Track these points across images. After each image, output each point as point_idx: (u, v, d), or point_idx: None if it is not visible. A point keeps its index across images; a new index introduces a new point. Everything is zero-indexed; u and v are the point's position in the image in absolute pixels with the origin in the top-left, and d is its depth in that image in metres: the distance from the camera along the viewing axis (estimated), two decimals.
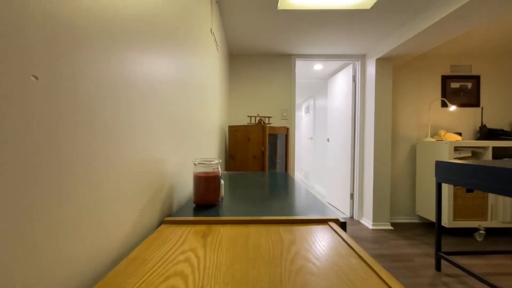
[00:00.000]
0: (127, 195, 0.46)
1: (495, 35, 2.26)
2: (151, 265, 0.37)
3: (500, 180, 1.23)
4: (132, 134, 0.47)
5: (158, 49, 0.61)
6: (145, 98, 0.53)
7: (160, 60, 0.62)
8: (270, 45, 2.42)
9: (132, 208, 0.48)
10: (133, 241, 0.48)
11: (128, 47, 0.46)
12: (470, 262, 1.78)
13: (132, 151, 0.47)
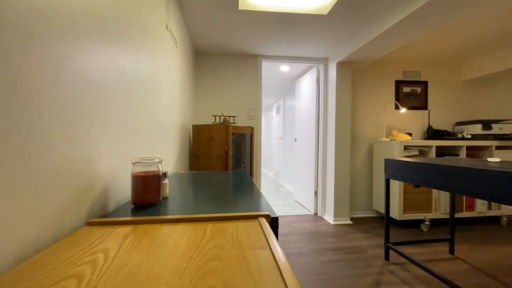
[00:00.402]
0: (41, 195, 0.43)
1: (439, 46, 2.51)
2: (49, 268, 0.36)
3: (437, 176, 1.37)
4: (55, 133, 0.44)
5: (94, 42, 0.58)
6: (77, 94, 0.50)
7: (97, 54, 0.59)
8: (236, 45, 2.42)
9: (47, 209, 0.45)
10: (45, 244, 0.45)
11: (56, 39, 0.43)
12: (414, 251, 1.96)
13: (54, 149, 0.44)
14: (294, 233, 2.34)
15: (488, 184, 1.10)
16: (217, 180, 1.19)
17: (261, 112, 2.72)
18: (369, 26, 2.00)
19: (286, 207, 3.29)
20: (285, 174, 4.67)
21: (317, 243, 2.10)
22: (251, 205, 0.73)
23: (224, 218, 0.58)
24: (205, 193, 0.90)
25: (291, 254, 1.91)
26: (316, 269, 1.68)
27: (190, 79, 2.30)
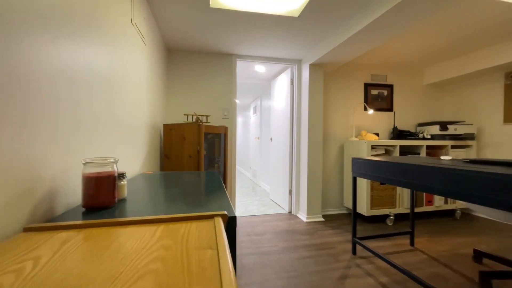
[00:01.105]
0: None
1: (403, 52, 2.68)
2: None
3: (396, 174, 1.46)
4: None
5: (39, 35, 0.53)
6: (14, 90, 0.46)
7: (42, 47, 0.54)
8: (210, 43, 2.39)
9: None
10: None
11: None
12: (380, 244, 2.07)
13: None
14: (268, 232, 2.36)
15: (439, 180, 1.19)
16: (184, 180, 1.17)
17: (235, 111, 2.72)
18: (338, 30, 2.08)
19: (262, 206, 3.31)
20: (262, 173, 4.71)
21: (289, 241, 2.14)
22: (211, 205, 0.72)
23: (178, 219, 0.56)
24: (168, 194, 0.87)
25: (264, 252, 1.93)
26: (287, 266, 1.71)
27: (161, 76, 2.22)
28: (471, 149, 2.85)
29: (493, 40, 2.39)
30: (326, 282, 1.53)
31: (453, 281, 1.53)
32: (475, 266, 1.71)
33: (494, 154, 2.74)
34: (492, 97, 2.77)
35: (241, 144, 7.41)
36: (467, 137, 2.82)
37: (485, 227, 2.49)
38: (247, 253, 1.92)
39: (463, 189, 1.06)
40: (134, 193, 0.88)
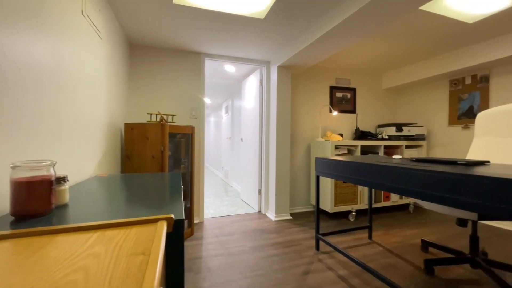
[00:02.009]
0: None
1: (364, 58, 2.86)
2: None
3: (353, 172, 1.54)
4: None
5: None
6: None
7: None
8: (177, 41, 2.32)
9: None
10: None
11: None
12: (341, 239, 2.19)
13: None
14: (236, 232, 2.36)
15: (389, 178, 1.29)
16: (140, 182, 1.11)
17: (204, 111, 2.67)
18: (304, 34, 2.15)
19: (232, 206, 3.30)
20: (234, 174, 4.69)
21: (257, 240, 2.17)
22: (162, 208, 0.70)
23: (117, 225, 0.54)
24: (117, 198, 0.83)
25: (231, 253, 1.92)
26: (253, 266, 1.73)
27: (122, 72, 2.10)
28: (422, 149, 3.14)
29: (440, 51, 2.66)
30: (290, 278, 1.57)
31: (403, 269, 1.67)
32: (422, 254, 1.89)
33: (441, 153, 3.05)
34: (439, 102, 3.08)
35: (213, 144, 7.31)
36: (418, 137, 3.10)
37: (432, 219, 2.76)
38: (214, 254, 1.90)
39: (407, 185, 1.17)
40: (79, 198, 0.81)
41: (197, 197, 2.64)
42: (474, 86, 2.70)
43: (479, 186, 0.88)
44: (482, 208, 0.88)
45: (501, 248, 1.98)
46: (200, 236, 2.26)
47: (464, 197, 0.93)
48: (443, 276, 1.59)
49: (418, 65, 3.01)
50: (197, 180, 2.63)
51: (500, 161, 1.58)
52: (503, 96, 2.47)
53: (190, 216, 2.28)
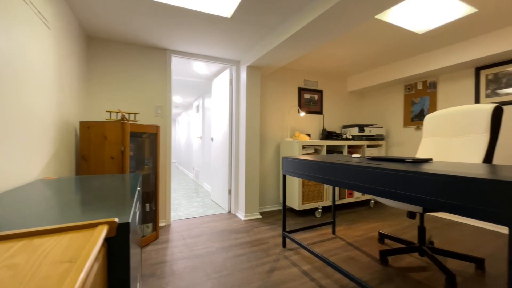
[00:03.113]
0: None
1: (330, 61, 2.99)
2: None
3: (315, 171, 1.60)
4: None
5: None
6: None
7: None
8: (140, 35, 2.20)
9: None
10: None
11: None
12: (307, 235, 2.27)
13: None
14: (204, 234, 2.32)
15: (346, 175, 1.37)
16: (93, 185, 1.04)
17: (171, 109, 2.58)
18: (271, 35, 2.19)
19: (202, 207, 3.24)
20: (204, 174, 4.61)
21: (225, 241, 2.15)
22: (107, 211, 0.65)
23: (49, 231, 0.49)
24: (60, 202, 0.76)
25: (198, 255, 1.88)
26: (219, 267, 1.71)
27: (77, 67, 1.94)
28: (382, 148, 3.38)
29: (396, 58, 2.88)
30: (255, 276, 1.58)
31: (361, 261, 1.78)
32: (379, 246, 2.04)
33: (398, 152, 3.31)
34: (395, 105, 3.34)
35: (184, 144, 7.11)
36: (378, 137, 3.34)
37: (390, 213, 2.98)
38: (179, 257, 1.85)
39: (362, 182, 1.25)
40: (11, 205, 0.73)
41: (164, 199, 2.54)
42: (425, 91, 2.99)
43: (421, 182, 0.97)
44: (424, 202, 0.97)
45: (446, 237, 2.22)
46: (166, 240, 2.18)
47: (408, 192, 1.02)
48: (396, 265, 1.73)
49: (378, 70, 3.24)
50: (163, 181, 2.53)
51: (443, 158, 1.76)
52: (448, 100, 2.77)
53: (155, 219, 2.19)
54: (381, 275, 1.60)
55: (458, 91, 2.68)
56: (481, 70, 2.48)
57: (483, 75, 2.46)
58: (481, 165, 1.21)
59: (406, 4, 1.76)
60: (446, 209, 0.89)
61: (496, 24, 2.04)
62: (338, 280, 1.54)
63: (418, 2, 1.74)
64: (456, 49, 2.43)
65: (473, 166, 1.15)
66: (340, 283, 1.51)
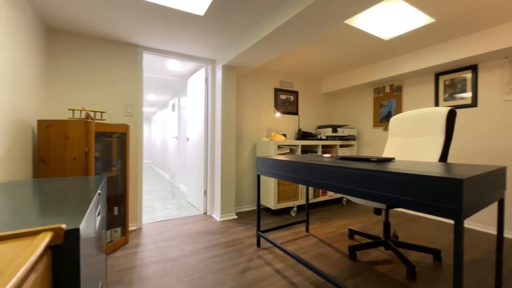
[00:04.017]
0: None
1: (305, 63, 3.06)
2: None
3: (287, 171, 1.63)
4: None
5: None
6: None
7: None
8: (108, 29, 2.09)
9: None
10: None
11: None
12: (281, 234, 2.30)
13: None
14: (178, 236, 2.26)
15: (316, 175, 1.40)
16: (48, 189, 0.96)
17: (142, 108, 2.47)
18: (246, 35, 2.19)
19: (176, 209, 3.15)
20: (180, 175, 4.49)
21: (199, 243, 2.11)
22: (57, 217, 0.61)
23: None
24: (1, 208, 0.69)
25: (169, 258, 1.83)
26: (191, 269, 1.67)
27: (34, 62, 1.79)
28: (353, 148, 3.53)
29: (366, 62, 3.03)
30: (228, 277, 1.57)
31: (332, 257, 1.85)
32: (349, 242, 2.12)
33: (368, 151, 3.48)
34: (366, 106, 3.51)
35: (160, 144, 6.87)
36: (350, 138, 3.48)
37: (361, 209, 3.13)
38: (149, 262, 1.78)
39: (330, 181, 1.29)
40: None
41: (134, 201, 2.43)
42: (392, 94, 3.17)
43: (380, 180, 1.03)
44: (384, 199, 1.02)
45: (410, 231, 2.37)
46: (136, 244, 2.09)
47: (370, 189, 1.07)
48: (363, 259, 1.81)
49: (350, 74, 3.38)
50: (133, 183, 2.42)
51: (406, 158, 1.88)
52: (412, 103, 2.96)
53: (124, 223, 2.09)
54: (350, 270, 1.67)
55: (420, 94, 2.88)
56: (440, 76, 2.69)
57: (442, 80, 2.67)
58: (436, 163, 1.31)
59: (372, 11, 1.86)
60: (403, 205, 0.95)
61: (452, 34, 2.23)
62: (309, 277, 1.58)
63: (383, 10, 1.84)
64: (418, 55, 2.61)
65: (429, 164, 1.24)
66: (311, 280, 1.55)
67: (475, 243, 2.09)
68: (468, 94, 2.48)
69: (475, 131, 2.44)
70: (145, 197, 3.86)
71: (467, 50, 2.24)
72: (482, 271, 1.63)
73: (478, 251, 1.94)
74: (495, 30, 2.08)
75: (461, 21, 2.00)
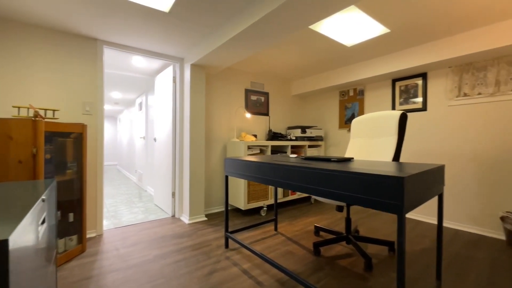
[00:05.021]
0: None
1: (276, 65, 3.12)
2: None
3: (254, 171, 1.64)
4: None
5: None
6: None
7: None
8: (63, 20, 1.92)
9: None
10: None
11: None
12: (251, 234, 2.32)
13: None
14: (142, 241, 2.16)
15: (280, 175, 1.44)
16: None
17: (102, 106, 2.32)
18: (215, 35, 2.16)
19: (143, 213, 3.01)
20: (148, 177, 4.29)
21: (164, 247, 2.04)
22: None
23: None
24: None
25: (131, 265, 1.74)
26: (155, 275, 1.61)
27: None
28: (321, 148, 3.69)
29: (332, 66, 3.18)
30: (194, 281, 1.54)
31: (297, 254, 1.91)
32: (315, 238, 2.21)
33: (335, 152, 3.66)
34: (332, 108, 3.69)
35: (126, 144, 6.50)
36: (318, 138, 3.63)
37: (328, 207, 3.28)
38: (109, 270, 1.67)
39: (293, 181, 1.33)
40: None
41: (94, 206, 2.27)
42: (355, 98, 3.37)
43: (335, 179, 1.09)
44: (341, 197, 1.08)
45: (370, 225, 2.54)
46: (95, 252, 1.95)
47: (328, 188, 1.13)
48: (327, 255, 1.90)
49: (318, 77, 3.52)
50: (93, 186, 2.26)
51: (365, 157, 2.01)
52: (373, 106, 3.18)
53: (80, 230, 1.94)
54: (313, 266, 1.74)
55: (380, 98, 3.10)
56: (396, 82, 2.93)
57: (398, 86, 2.91)
58: (389, 162, 1.42)
59: (335, 19, 1.96)
60: (356, 202, 1.02)
61: (405, 44, 2.44)
62: (275, 275, 1.62)
63: (344, 18, 1.95)
64: (377, 62, 2.82)
65: (382, 163, 1.35)
66: (276, 278, 1.58)
67: (426, 233, 2.31)
68: (420, 99, 2.73)
69: (425, 133, 2.69)
70: (109, 201, 3.62)
71: (418, 59, 2.47)
72: (429, 258, 1.81)
73: (427, 241, 2.15)
74: (441, 42, 2.32)
75: (412, 33, 2.20)
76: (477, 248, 2.01)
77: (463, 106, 2.43)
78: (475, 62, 2.34)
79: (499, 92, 2.22)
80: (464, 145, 2.43)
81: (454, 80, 2.47)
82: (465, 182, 2.42)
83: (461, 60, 2.31)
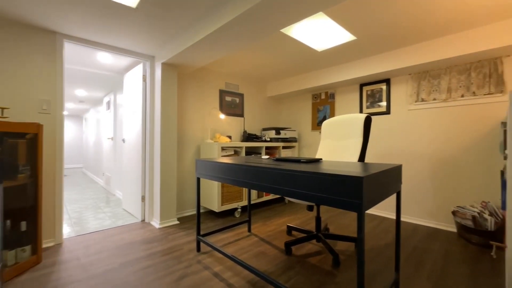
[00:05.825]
0: None
1: (250, 66, 3.13)
2: None
3: (225, 172, 1.63)
4: None
5: None
6: None
7: None
8: (15, 9, 1.74)
9: None
10: None
11: None
12: (224, 236, 2.29)
13: None
14: (108, 249, 2.03)
15: (250, 176, 1.44)
16: None
17: (62, 105, 2.15)
18: (186, 34, 2.12)
19: (110, 219, 2.83)
20: (117, 180, 4.06)
21: (132, 254, 1.94)
22: None
23: None
24: None
25: (93, 276, 1.62)
26: (120, 285, 1.52)
27: None
28: (295, 149, 3.77)
29: (305, 70, 3.27)
30: (163, 287, 1.49)
31: (270, 254, 1.93)
32: (287, 238, 2.25)
33: (308, 152, 3.77)
34: (306, 111, 3.80)
35: (93, 146, 6.09)
36: (292, 140, 3.71)
37: (300, 207, 3.36)
38: (67, 282, 1.55)
39: (263, 182, 1.34)
40: None
41: (51, 213, 2.09)
42: (327, 101, 3.51)
43: (301, 179, 1.12)
44: (307, 197, 1.11)
45: (339, 223, 2.65)
46: (52, 263, 1.79)
47: (296, 189, 1.16)
48: (298, 253, 1.95)
49: (292, 79, 3.61)
50: (51, 191, 2.08)
51: (333, 158, 2.10)
52: (343, 109, 3.33)
53: (35, 239, 1.77)
54: (285, 265, 1.77)
55: (349, 102, 3.26)
56: (364, 86, 3.10)
57: (365, 90, 3.09)
58: (354, 163, 1.50)
59: (305, 24, 2.02)
60: (321, 201, 1.05)
61: (371, 51, 2.59)
62: (246, 276, 1.62)
63: (314, 24, 2.02)
64: (346, 67, 2.96)
65: (347, 164, 1.41)
66: (247, 279, 1.58)
67: (390, 229, 2.47)
68: (384, 103, 2.92)
69: (389, 135, 2.89)
70: (71, 207, 3.36)
71: (382, 66, 2.64)
72: (392, 252, 1.94)
73: (391, 236, 2.29)
74: (402, 51, 2.50)
75: (377, 41, 2.35)
76: (433, 240, 2.19)
77: (421, 111, 2.65)
78: (430, 70, 2.56)
79: (451, 98, 2.45)
80: (421, 146, 2.64)
81: (413, 86, 2.68)
82: (423, 180, 2.63)
83: (419, 68, 2.51)
